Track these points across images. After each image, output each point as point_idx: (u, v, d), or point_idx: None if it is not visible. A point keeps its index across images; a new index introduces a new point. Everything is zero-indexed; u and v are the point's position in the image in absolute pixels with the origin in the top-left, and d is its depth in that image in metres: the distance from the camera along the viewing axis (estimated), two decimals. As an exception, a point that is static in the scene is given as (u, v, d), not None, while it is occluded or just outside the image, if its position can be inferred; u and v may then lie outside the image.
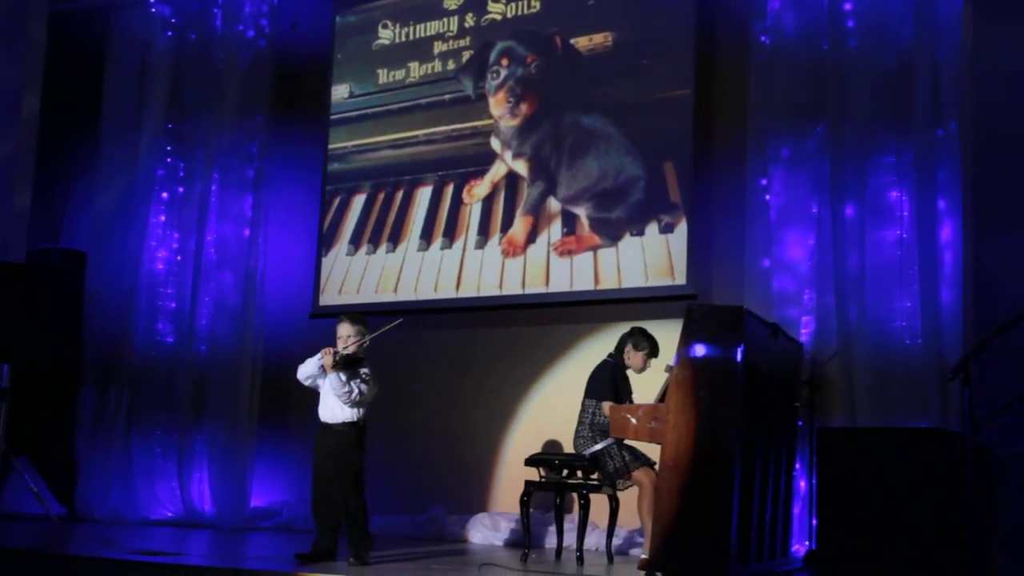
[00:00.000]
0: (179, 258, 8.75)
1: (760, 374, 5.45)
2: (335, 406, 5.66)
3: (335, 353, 5.57)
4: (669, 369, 5.46)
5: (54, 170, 9.30)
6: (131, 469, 8.43)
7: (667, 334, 6.12)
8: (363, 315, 5.95)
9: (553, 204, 7.81)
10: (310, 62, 9.05)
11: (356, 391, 5.61)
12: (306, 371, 5.73)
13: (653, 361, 6.25)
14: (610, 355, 6.31)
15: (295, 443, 8.29)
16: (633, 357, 6.23)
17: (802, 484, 6.32)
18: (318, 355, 5.67)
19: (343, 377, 5.58)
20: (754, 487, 5.37)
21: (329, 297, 8.58)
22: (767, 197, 6.86)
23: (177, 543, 6.67)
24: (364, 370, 5.69)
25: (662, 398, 5.51)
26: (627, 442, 6.02)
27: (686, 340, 5.31)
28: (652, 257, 7.35)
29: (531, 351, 7.92)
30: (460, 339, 8.25)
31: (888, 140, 6.49)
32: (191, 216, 8.72)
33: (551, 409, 7.59)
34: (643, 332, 6.25)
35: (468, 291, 7.99)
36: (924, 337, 6.20)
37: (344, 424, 5.67)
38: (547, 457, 6.40)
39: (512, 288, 7.83)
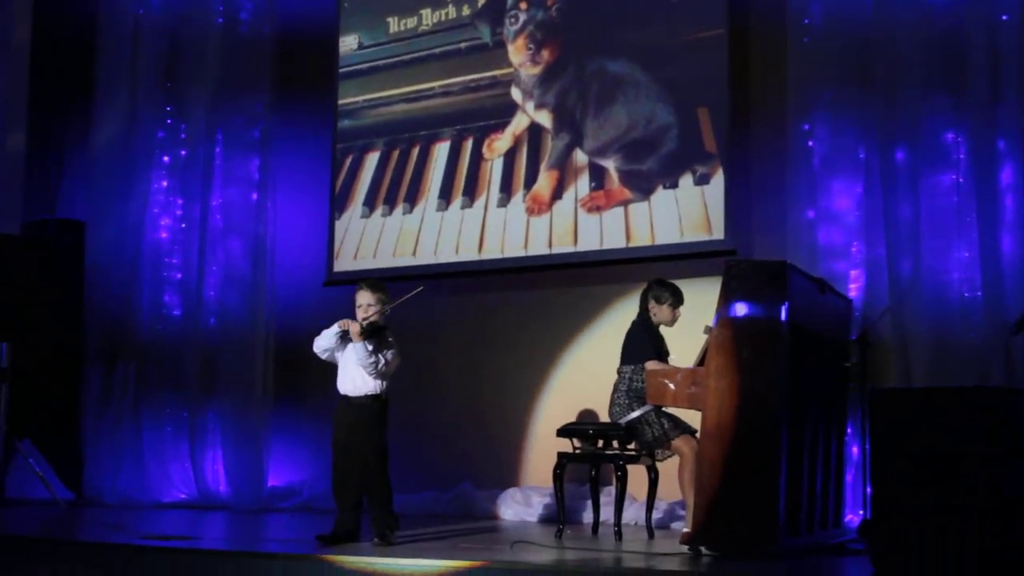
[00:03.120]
0: (184, 225, 8.76)
1: (806, 333, 5.41)
2: (357, 377, 5.66)
3: (363, 320, 5.56)
4: (708, 330, 5.43)
5: (48, 136, 9.31)
6: (141, 450, 8.49)
7: (705, 293, 6.10)
8: (382, 281, 5.93)
9: (579, 157, 7.78)
10: (315, 13, 9.02)
11: (383, 361, 5.62)
12: (323, 343, 5.73)
13: (685, 315, 6.22)
14: (639, 315, 6.29)
15: (313, 418, 8.30)
16: (659, 311, 6.20)
17: (854, 450, 6.30)
18: (335, 326, 5.66)
19: (369, 347, 5.56)
20: (803, 454, 5.35)
21: (344, 263, 8.60)
22: (810, 143, 6.81)
23: (192, 526, 6.71)
24: (389, 339, 5.70)
25: (701, 361, 5.49)
26: (666, 409, 6.00)
27: (726, 298, 5.29)
28: (687, 211, 7.32)
29: (560, 315, 7.92)
30: (484, 304, 8.27)
31: (942, 76, 6.38)
32: (195, 180, 8.72)
33: (583, 376, 7.60)
34: (660, 282, 6.24)
35: (491, 253, 8.00)
36: (984, 289, 6.13)
37: (367, 397, 5.67)
38: (581, 427, 6.41)
39: (538, 248, 7.82)
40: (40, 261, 8.83)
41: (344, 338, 5.69)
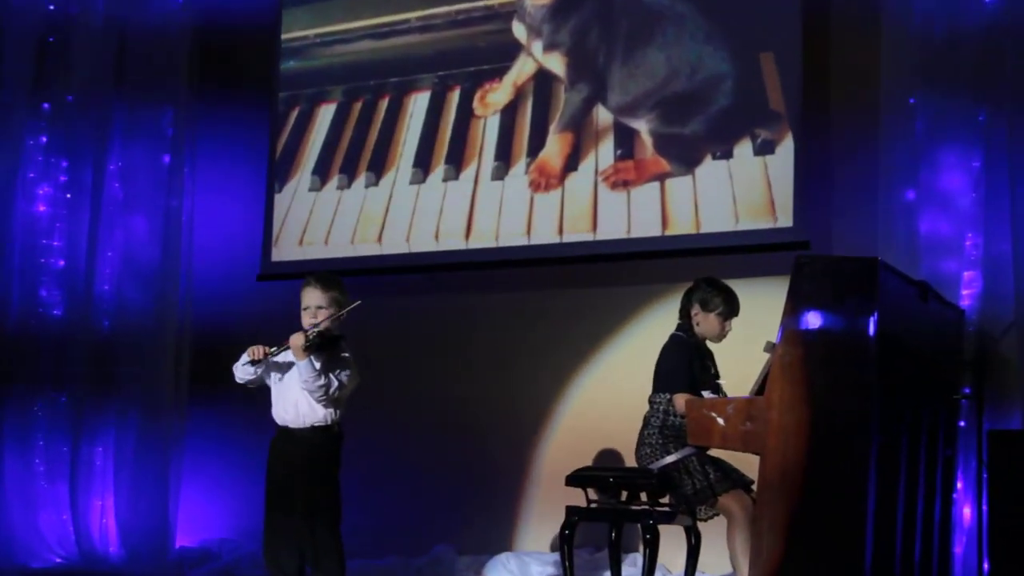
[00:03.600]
0: (69, 196, 8.76)
1: (903, 353, 5.41)
2: (301, 402, 5.66)
3: (307, 332, 5.55)
4: (771, 348, 5.44)
5: None
6: (1, 496, 8.42)
7: (766, 298, 6.14)
8: (336, 275, 5.93)
9: (602, 115, 7.80)
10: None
11: (335, 383, 5.61)
12: (242, 375, 5.76)
13: (742, 328, 6.25)
14: (679, 327, 6.35)
15: (238, 457, 8.34)
16: (704, 321, 6.26)
17: (966, 511, 6.29)
18: (244, 356, 5.66)
19: (317, 365, 5.56)
20: (896, 514, 5.34)
21: (285, 251, 8.63)
22: (911, 100, 6.81)
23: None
24: (344, 354, 5.69)
25: (761, 389, 5.48)
26: (712, 452, 6.02)
27: (795, 306, 5.29)
28: (744, 189, 7.33)
29: (573, 324, 7.92)
30: (471, 308, 8.29)
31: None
32: (85, 136, 8.72)
33: (602, 406, 7.62)
34: (711, 282, 6.29)
35: (482, 240, 8.01)
36: None
37: (313, 429, 5.67)
38: (598, 473, 6.41)
39: (545, 235, 7.83)
40: None
41: (259, 363, 5.66)
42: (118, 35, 8.79)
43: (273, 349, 5.62)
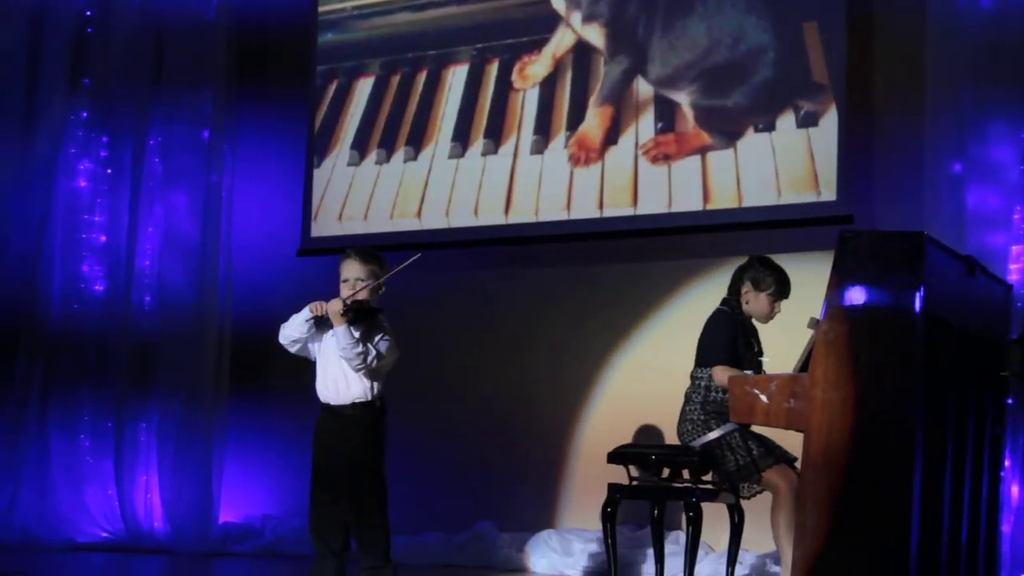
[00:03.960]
0: (110, 171, 8.81)
1: (949, 330, 5.33)
2: (340, 379, 5.62)
3: (345, 300, 5.51)
4: (814, 324, 5.37)
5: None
6: (48, 472, 8.52)
7: (810, 273, 6.11)
8: (376, 250, 5.88)
9: (643, 88, 7.76)
10: None
11: (373, 353, 5.56)
12: (291, 332, 5.68)
13: (785, 304, 6.19)
14: (724, 301, 6.29)
15: (282, 434, 8.37)
16: (754, 300, 6.19)
17: (1014, 489, 6.29)
18: (305, 310, 5.61)
19: (355, 333, 5.52)
20: (942, 494, 5.26)
21: (325, 226, 8.62)
22: (958, 72, 6.76)
23: (116, 576, 6.72)
24: (384, 326, 5.66)
25: (805, 365, 5.41)
26: (755, 429, 5.99)
27: (839, 282, 5.19)
28: (787, 162, 7.29)
29: (613, 299, 7.90)
30: (511, 283, 8.29)
31: None
32: (126, 111, 8.76)
33: (643, 382, 7.61)
34: (765, 262, 6.21)
35: (521, 215, 8.00)
36: None
37: (356, 405, 5.62)
38: (640, 450, 6.39)
39: (584, 210, 7.81)
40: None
41: (321, 326, 5.64)
42: (156, 12, 8.81)
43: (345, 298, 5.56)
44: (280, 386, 8.39)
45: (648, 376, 7.55)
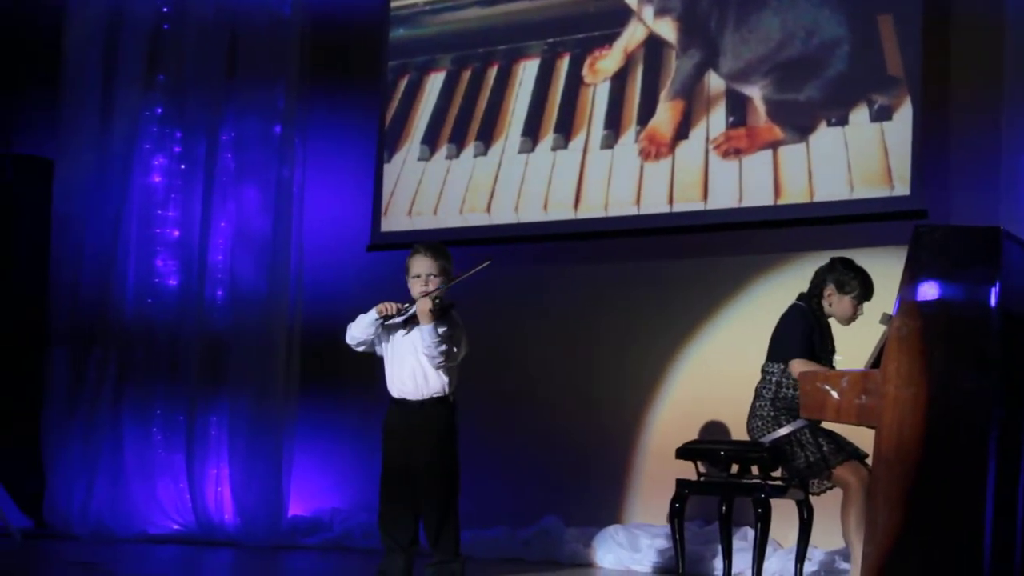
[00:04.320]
0: (183, 167, 8.85)
1: (1025, 326, 5.24)
2: (419, 373, 5.68)
3: (434, 299, 5.56)
4: (887, 320, 5.31)
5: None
6: (121, 465, 8.55)
7: (884, 268, 6.07)
8: (444, 246, 5.93)
9: (714, 82, 7.72)
10: None
11: (452, 348, 5.62)
12: (358, 333, 5.74)
13: (866, 307, 6.15)
14: (800, 297, 6.27)
15: (350, 428, 8.43)
16: (837, 302, 6.18)
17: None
18: (372, 312, 5.67)
19: (440, 330, 5.57)
20: (1017, 492, 5.18)
21: (394, 221, 8.64)
22: (1035, 64, 6.71)
23: (187, 568, 6.74)
24: (457, 319, 5.72)
25: (877, 361, 5.37)
26: (825, 425, 5.94)
27: (912, 277, 5.12)
28: (860, 156, 7.23)
29: (682, 294, 7.87)
30: (579, 279, 8.26)
31: None
32: (199, 107, 8.80)
33: (712, 377, 7.57)
34: (848, 264, 6.20)
35: (591, 210, 7.98)
36: None
37: (433, 400, 5.69)
38: (708, 446, 6.39)
39: (655, 205, 7.78)
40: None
41: (389, 325, 5.70)
42: (232, 8, 8.85)
43: (406, 305, 5.63)
44: (349, 381, 8.42)
45: (717, 372, 7.52)
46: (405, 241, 7.51)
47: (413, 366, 5.67)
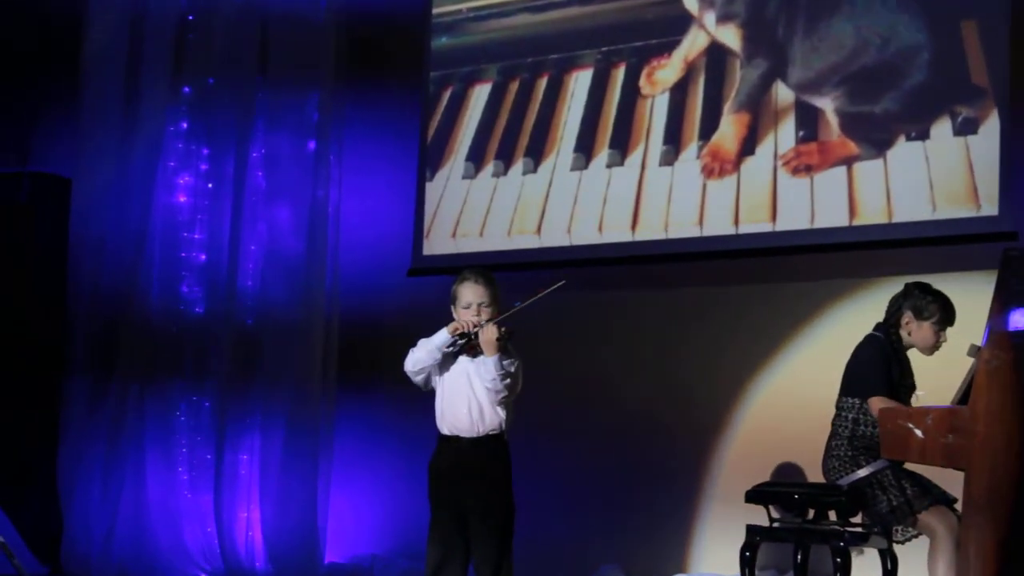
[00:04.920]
0: (211, 186, 8.87)
1: None
2: (476, 409, 5.65)
3: (501, 328, 5.54)
4: (975, 352, 5.37)
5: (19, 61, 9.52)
6: (144, 505, 8.55)
7: (971, 295, 6.10)
8: (493, 272, 5.92)
9: (782, 93, 7.71)
10: None
11: (516, 382, 5.65)
12: (426, 357, 5.66)
13: (949, 333, 6.14)
14: (877, 327, 6.25)
15: (389, 467, 8.49)
16: (917, 331, 6.15)
17: None
18: (443, 332, 5.61)
19: (505, 362, 5.58)
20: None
21: (437, 243, 8.67)
22: None
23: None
24: (511, 349, 5.69)
25: (965, 397, 5.35)
26: (909, 467, 5.93)
27: (1003, 305, 5.15)
28: (943, 174, 7.19)
29: (750, 323, 7.86)
30: (638, 305, 8.26)
31: None
32: (227, 121, 8.84)
33: (784, 414, 7.55)
34: (925, 289, 6.18)
35: (650, 232, 7.96)
36: None
37: (487, 437, 5.66)
38: (781, 489, 6.37)
39: (719, 226, 7.77)
40: (6, 231, 8.99)
41: (449, 354, 5.66)
42: (261, 17, 8.92)
43: (475, 329, 5.58)
44: (388, 416, 8.46)
45: (789, 407, 7.49)
46: (449, 265, 7.65)
47: (469, 400, 5.62)
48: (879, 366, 6.07)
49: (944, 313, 6.10)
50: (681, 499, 7.90)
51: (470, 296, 5.64)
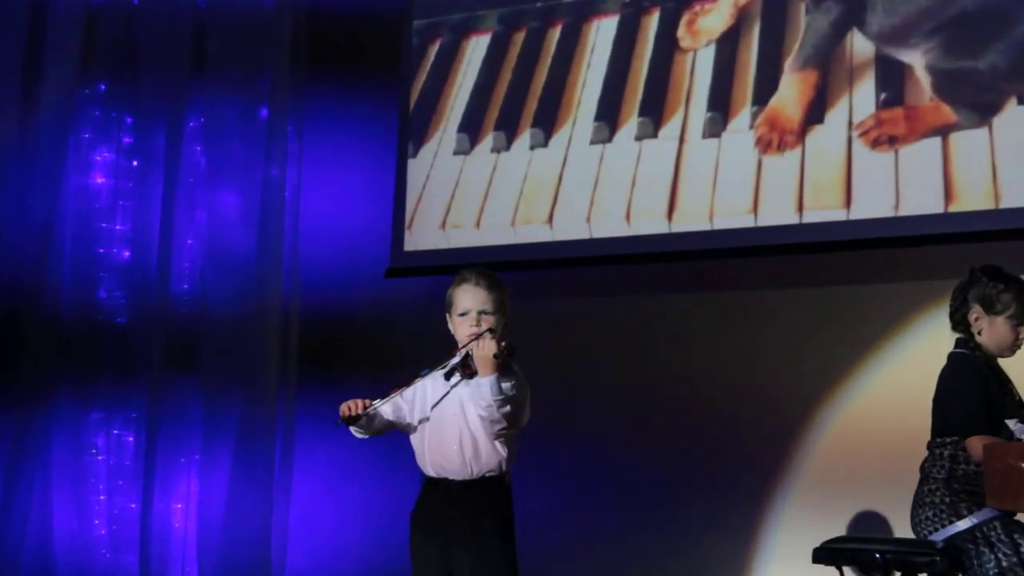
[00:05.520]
0: (136, 163, 8.88)
1: None
2: (469, 446, 5.63)
3: (500, 343, 5.50)
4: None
5: None
6: (49, 541, 8.53)
7: None
8: (495, 273, 5.91)
9: (859, 45, 7.69)
10: None
11: (520, 410, 5.58)
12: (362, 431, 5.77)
13: None
14: (959, 343, 6.20)
15: (361, 514, 8.50)
16: (988, 329, 6.09)
17: None
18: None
19: (505, 384, 5.50)
20: None
21: (422, 236, 8.71)
22: None
23: None
24: (516, 368, 5.63)
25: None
26: (1021, 517, 5.83)
27: None
28: (1064, 146, 7.22)
29: (819, 333, 7.82)
30: (677, 312, 8.26)
31: None
32: (157, 81, 8.83)
33: (864, 447, 7.52)
34: (994, 274, 6.13)
35: (691, 221, 7.95)
36: None
37: (483, 480, 5.64)
38: (858, 546, 6.30)
39: (778, 214, 7.74)
40: None
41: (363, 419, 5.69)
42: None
43: (424, 373, 5.60)
44: (358, 451, 8.34)
45: (870, 438, 7.46)
46: (437, 264, 7.80)
47: (460, 434, 5.60)
48: (974, 392, 5.95)
49: (1018, 301, 6.03)
50: (733, 553, 7.89)
51: (467, 302, 5.63)
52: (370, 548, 8.46)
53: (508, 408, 5.46)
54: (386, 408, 5.67)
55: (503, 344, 5.45)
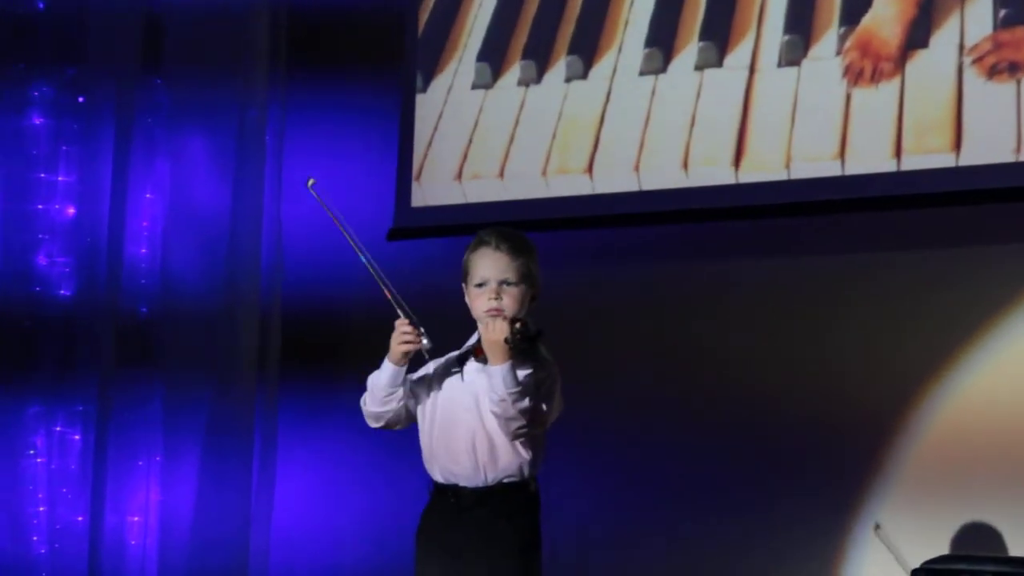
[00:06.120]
0: (82, 100, 8.89)
1: None
2: (483, 447, 5.61)
3: (514, 323, 5.47)
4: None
5: None
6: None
7: None
8: (524, 234, 5.88)
9: None
10: None
11: (541, 405, 5.52)
12: (380, 402, 5.72)
13: None
14: None
15: (354, 526, 8.50)
16: None
17: None
18: (387, 363, 5.64)
19: (521, 374, 5.47)
20: None
21: (433, 190, 8.73)
22: None
23: None
24: (547, 359, 5.61)
25: None
26: None
27: None
28: None
29: (921, 304, 7.77)
30: (744, 278, 8.23)
31: None
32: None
33: (973, 443, 7.47)
34: None
35: (762, 169, 7.92)
36: None
37: (502, 487, 5.63)
38: (965, 567, 6.34)
39: (870, 160, 7.70)
40: None
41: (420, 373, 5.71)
42: None
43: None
44: (354, 450, 8.43)
45: (982, 438, 7.42)
46: (451, 222, 7.84)
47: (473, 433, 5.57)
48: None
49: None
50: (817, 571, 7.90)
51: (487, 270, 5.58)
52: (368, 569, 8.49)
53: (524, 402, 5.40)
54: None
55: (517, 326, 5.40)
